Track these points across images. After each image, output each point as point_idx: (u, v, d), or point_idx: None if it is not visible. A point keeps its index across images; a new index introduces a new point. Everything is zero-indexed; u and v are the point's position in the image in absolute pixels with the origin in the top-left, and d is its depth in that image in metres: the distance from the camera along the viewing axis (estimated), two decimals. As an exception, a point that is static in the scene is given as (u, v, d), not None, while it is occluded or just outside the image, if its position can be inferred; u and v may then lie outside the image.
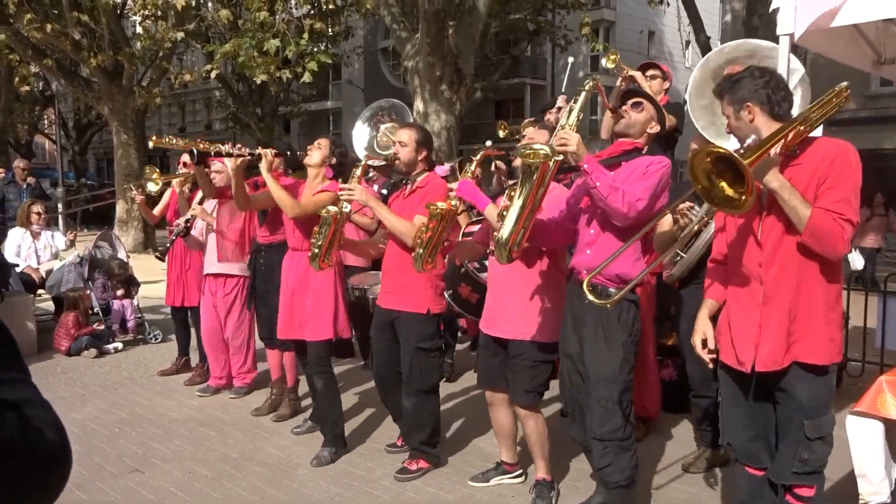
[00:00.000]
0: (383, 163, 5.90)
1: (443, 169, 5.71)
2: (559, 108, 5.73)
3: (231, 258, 5.34)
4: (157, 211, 6.26)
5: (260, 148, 4.35)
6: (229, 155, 4.28)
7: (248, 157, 4.29)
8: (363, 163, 4.11)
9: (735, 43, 4.18)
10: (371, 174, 6.79)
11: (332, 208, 3.92)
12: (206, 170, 5.46)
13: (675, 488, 3.88)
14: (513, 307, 3.55)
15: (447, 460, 4.26)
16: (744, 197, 2.22)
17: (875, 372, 4.77)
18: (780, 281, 2.52)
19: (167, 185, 5.88)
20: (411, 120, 6.90)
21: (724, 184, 2.27)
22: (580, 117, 2.94)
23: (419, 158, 3.99)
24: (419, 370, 3.97)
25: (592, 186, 2.90)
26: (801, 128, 2.43)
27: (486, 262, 4.20)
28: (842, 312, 2.62)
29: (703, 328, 2.75)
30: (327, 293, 4.26)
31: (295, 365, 5.08)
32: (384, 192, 6.78)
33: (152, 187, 5.72)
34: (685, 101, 4.72)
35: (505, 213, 2.92)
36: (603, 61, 5.73)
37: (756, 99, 2.51)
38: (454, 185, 3.46)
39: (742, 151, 2.33)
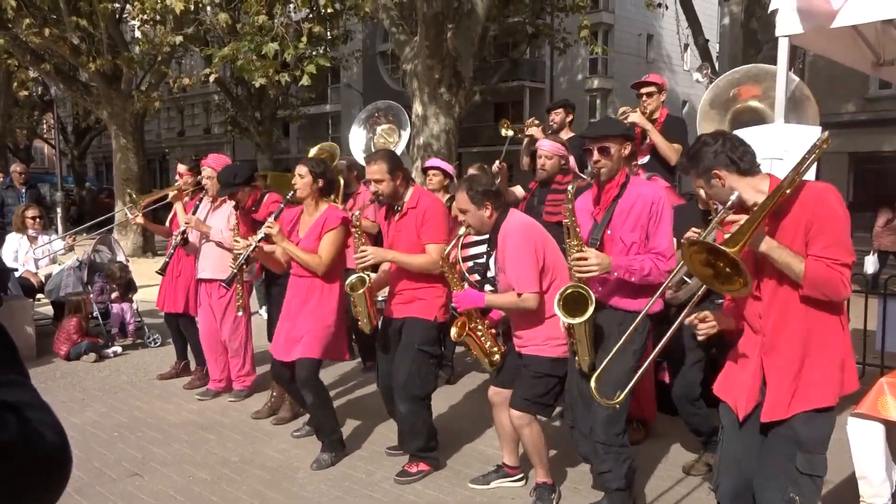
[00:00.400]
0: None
1: (443, 164, 5.74)
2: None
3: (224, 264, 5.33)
4: (168, 223, 6.26)
5: (265, 227, 4.32)
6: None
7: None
8: (360, 212, 4.20)
9: (744, 68, 4.23)
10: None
11: (358, 289, 4.06)
12: (198, 176, 5.59)
13: (677, 492, 3.87)
14: (529, 327, 3.64)
15: (446, 463, 4.25)
16: (742, 279, 2.23)
17: (875, 374, 4.77)
18: (780, 331, 2.52)
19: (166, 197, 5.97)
20: (406, 120, 6.89)
21: (724, 265, 2.27)
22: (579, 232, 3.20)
23: (398, 184, 4.05)
24: (419, 375, 4.01)
25: (630, 279, 3.16)
26: (788, 191, 2.41)
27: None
28: (848, 333, 2.59)
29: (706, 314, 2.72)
30: (327, 315, 4.27)
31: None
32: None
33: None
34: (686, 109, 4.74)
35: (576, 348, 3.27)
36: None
37: (720, 164, 2.53)
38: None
39: (727, 237, 2.32)
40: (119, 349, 7.08)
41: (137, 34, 16.60)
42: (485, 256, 4.41)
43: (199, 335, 5.83)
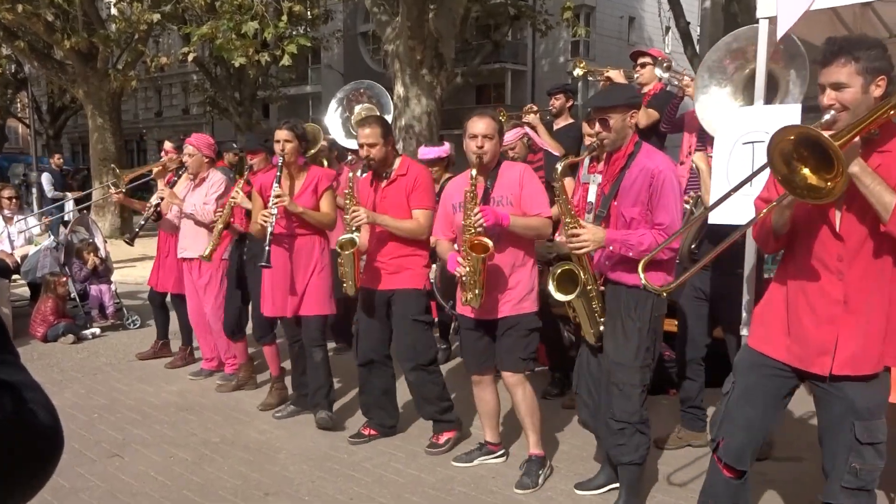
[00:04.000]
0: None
1: (436, 150, 5.71)
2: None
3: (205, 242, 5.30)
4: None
5: (273, 196, 4.28)
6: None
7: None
8: (353, 175, 4.15)
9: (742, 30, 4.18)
10: (350, 157, 6.74)
11: (348, 249, 4.07)
12: (179, 154, 5.62)
13: (651, 467, 3.93)
14: (503, 289, 3.64)
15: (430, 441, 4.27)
16: (829, 184, 2.00)
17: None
18: (866, 279, 2.32)
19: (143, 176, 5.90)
20: (389, 103, 6.83)
21: (806, 170, 2.07)
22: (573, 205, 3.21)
23: (389, 150, 4.09)
24: (420, 344, 4.11)
25: (627, 254, 3.11)
26: (893, 112, 2.20)
27: None
28: None
29: None
30: (329, 272, 4.50)
31: (277, 355, 5.10)
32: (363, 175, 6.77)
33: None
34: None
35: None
36: (577, 71, 5.78)
37: (887, 73, 2.23)
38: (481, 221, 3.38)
39: (830, 133, 2.08)
40: (97, 331, 7.02)
41: (113, 11, 16.29)
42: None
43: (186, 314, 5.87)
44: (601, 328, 3.30)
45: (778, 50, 3.77)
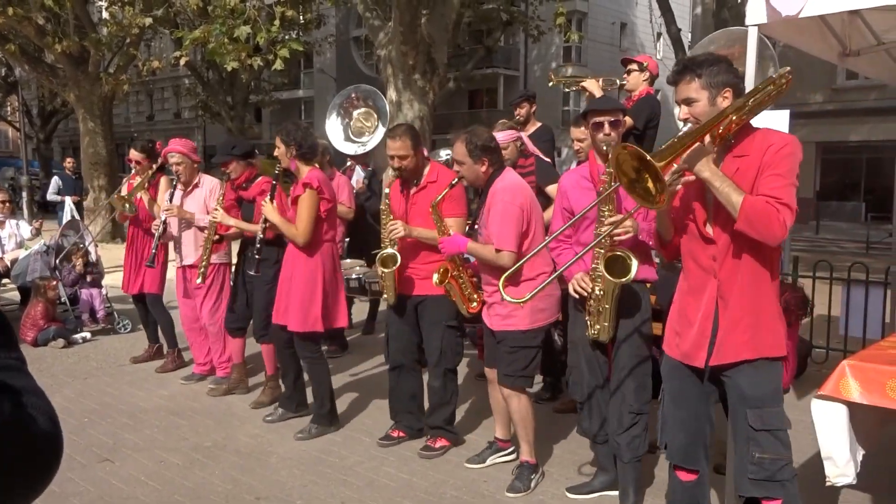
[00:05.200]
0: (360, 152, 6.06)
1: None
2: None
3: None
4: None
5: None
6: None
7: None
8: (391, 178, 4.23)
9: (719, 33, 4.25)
10: (349, 163, 6.77)
11: (390, 267, 4.09)
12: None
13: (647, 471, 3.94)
14: (492, 302, 3.75)
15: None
16: (658, 195, 2.22)
17: (839, 357, 4.88)
18: (736, 275, 2.50)
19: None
20: (385, 108, 6.85)
21: (648, 177, 2.25)
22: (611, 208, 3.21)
23: (419, 159, 4.10)
24: (450, 349, 4.16)
25: (649, 241, 3.19)
26: (734, 117, 2.38)
27: None
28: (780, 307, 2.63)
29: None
30: (307, 284, 4.31)
31: (274, 354, 5.08)
32: (366, 181, 6.79)
33: (130, 210, 5.73)
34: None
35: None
36: (550, 84, 5.94)
37: (732, 85, 2.46)
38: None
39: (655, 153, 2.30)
40: (88, 335, 6.99)
41: (105, 15, 16.25)
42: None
43: (166, 316, 5.90)
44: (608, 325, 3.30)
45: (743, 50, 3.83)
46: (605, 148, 3.29)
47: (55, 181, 12.17)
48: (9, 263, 7.40)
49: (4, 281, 7.52)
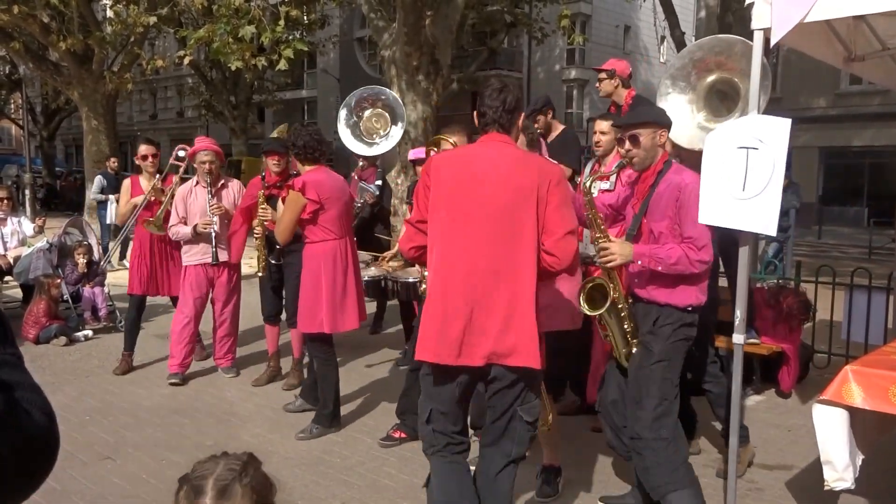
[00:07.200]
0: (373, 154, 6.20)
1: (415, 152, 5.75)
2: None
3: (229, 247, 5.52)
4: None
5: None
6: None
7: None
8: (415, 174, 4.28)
9: (706, 40, 4.23)
10: (361, 163, 6.78)
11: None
12: (192, 163, 5.71)
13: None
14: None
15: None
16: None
17: (841, 363, 4.88)
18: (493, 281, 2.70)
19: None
20: (402, 113, 6.90)
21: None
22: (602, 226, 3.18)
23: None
24: None
25: (656, 268, 3.08)
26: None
27: None
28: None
29: None
30: (309, 285, 4.39)
31: (301, 336, 5.13)
32: (378, 182, 6.83)
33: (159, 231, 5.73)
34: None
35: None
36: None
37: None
38: None
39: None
40: (90, 333, 6.99)
41: (109, 13, 16.27)
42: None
43: (138, 316, 5.94)
44: (633, 349, 3.22)
45: (734, 59, 3.83)
46: (625, 162, 3.30)
47: (98, 180, 12.04)
48: (11, 260, 7.41)
49: (6, 278, 7.52)
